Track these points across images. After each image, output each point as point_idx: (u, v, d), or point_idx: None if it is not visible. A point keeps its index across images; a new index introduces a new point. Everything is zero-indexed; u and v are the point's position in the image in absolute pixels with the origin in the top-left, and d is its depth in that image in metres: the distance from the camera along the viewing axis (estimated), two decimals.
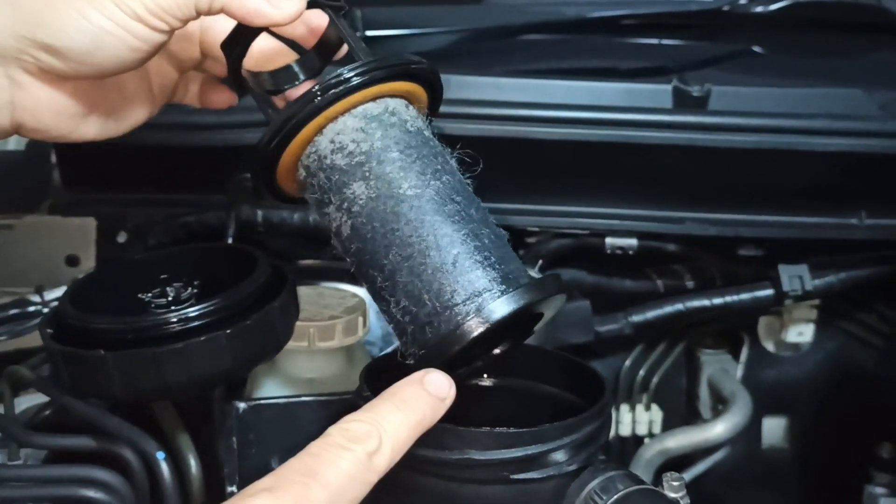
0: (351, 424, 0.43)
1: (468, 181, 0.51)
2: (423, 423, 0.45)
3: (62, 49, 0.47)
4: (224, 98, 0.59)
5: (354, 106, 0.49)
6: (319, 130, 0.49)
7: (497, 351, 0.53)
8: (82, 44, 0.47)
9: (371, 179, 0.48)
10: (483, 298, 0.47)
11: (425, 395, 0.45)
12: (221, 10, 0.48)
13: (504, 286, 0.47)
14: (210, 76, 0.59)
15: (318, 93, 0.47)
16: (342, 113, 0.49)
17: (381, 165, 0.48)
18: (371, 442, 0.42)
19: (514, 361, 0.58)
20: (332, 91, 0.47)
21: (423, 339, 0.48)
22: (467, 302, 0.47)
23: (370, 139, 0.48)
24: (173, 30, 0.49)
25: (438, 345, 0.47)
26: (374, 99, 0.49)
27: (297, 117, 0.48)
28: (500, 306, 0.46)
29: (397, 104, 0.50)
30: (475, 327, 0.46)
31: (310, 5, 0.50)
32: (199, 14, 0.48)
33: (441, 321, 0.47)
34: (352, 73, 0.48)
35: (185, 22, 0.49)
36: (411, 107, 0.51)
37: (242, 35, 0.51)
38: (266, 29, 0.52)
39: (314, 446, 0.41)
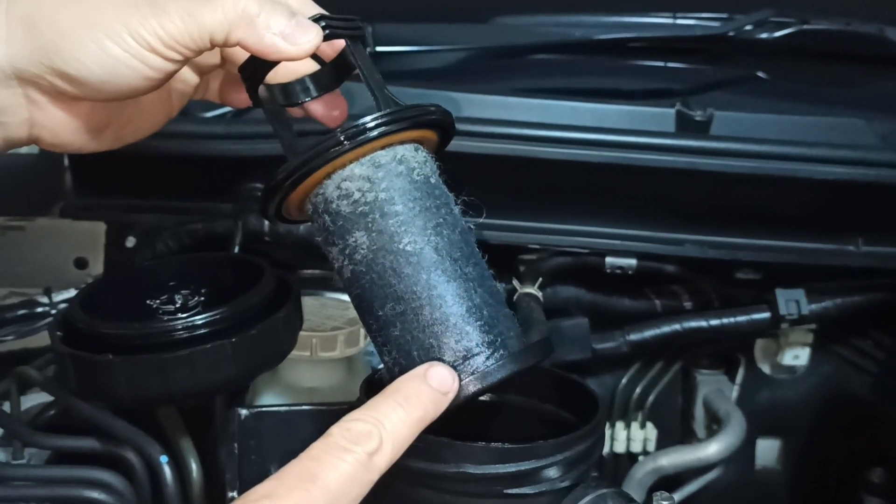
0: (352, 424, 0.43)
1: (471, 226, 0.52)
2: (424, 419, 0.46)
3: (78, 77, 0.48)
4: (244, 98, 0.59)
5: (365, 154, 0.49)
6: (328, 175, 0.49)
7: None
8: (98, 73, 0.48)
9: (373, 232, 0.49)
10: (468, 364, 0.48)
11: (427, 391, 0.46)
12: (237, 44, 0.48)
13: (490, 350, 0.48)
14: (231, 74, 0.59)
15: (341, 141, 0.48)
16: (351, 160, 0.49)
17: (384, 218, 0.49)
18: (372, 442, 0.43)
19: None
20: (352, 142, 0.48)
21: None
22: (453, 364, 0.48)
23: (375, 189, 0.49)
24: (187, 60, 0.49)
25: None
26: (383, 147, 0.50)
27: (312, 164, 0.48)
28: (484, 376, 0.48)
29: (406, 150, 0.50)
30: (457, 398, 0.47)
31: (328, 37, 0.50)
32: (213, 46, 0.49)
33: None
34: (373, 124, 0.48)
35: (199, 53, 0.49)
36: (420, 149, 0.52)
37: (260, 63, 0.51)
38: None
39: (315, 448, 0.42)
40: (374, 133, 0.48)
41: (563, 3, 1.11)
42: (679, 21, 1.09)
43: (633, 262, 0.86)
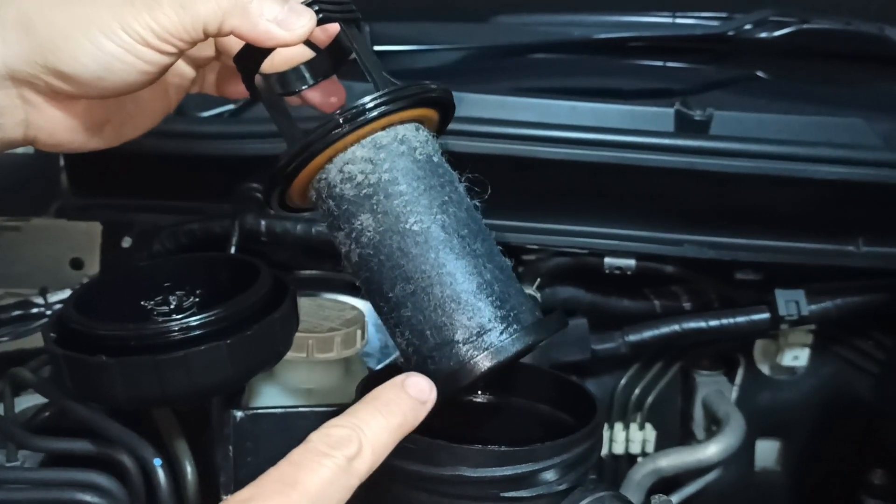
0: (332, 430, 0.43)
1: (476, 203, 0.51)
2: (403, 426, 0.45)
3: (73, 75, 0.48)
4: (241, 89, 0.58)
5: (365, 136, 0.49)
6: (329, 159, 0.49)
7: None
8: (93, 70, 0.48)
9: (378, 213, 0.48)
10: (481, 339, 0.48)
11: (406, 399, 0.46)
12: (231, 33, 0.48)
13: (503, 325, 0.48)
14: (227, 66, 0.59)
15: (340, 124, 0.47)
16: (352, 143, 0.49)
17: (389, 199, 0.48)
18: (351, 447, 0.42)
19: (507, 379, 0.59)
20: (351, 124, 0.47)
21: (424, 372, 0.48)
22: (467, 342, 0.48)
23: (378, 171, 0.48)
24: (182, 52, 0.49)
25: (438, 383, 0.47)
26: (383, 128, 0.49)
27: (312, 149, 0.48)
28: (499, 351, 0.47)
29: (407, 130, 0.50)
30: (472, 371, 0.47)
31: (321, 21, 0.49)
32: (207, 37, 0.48)
33: (442, 357, 0.48)
34: (372, 105, 0.47)
35: (194, 44, 0.49)
36: (421, 129, 0.51)
37: (255, 52, 0.51)
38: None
39: (295, 454, 0.42)
40: (374, 114, 0.48)
41: (563, 2, 1.10)
42: (678, 20, 1.09)
43: (632, 262, 0.86)
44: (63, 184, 0.88)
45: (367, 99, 0.48)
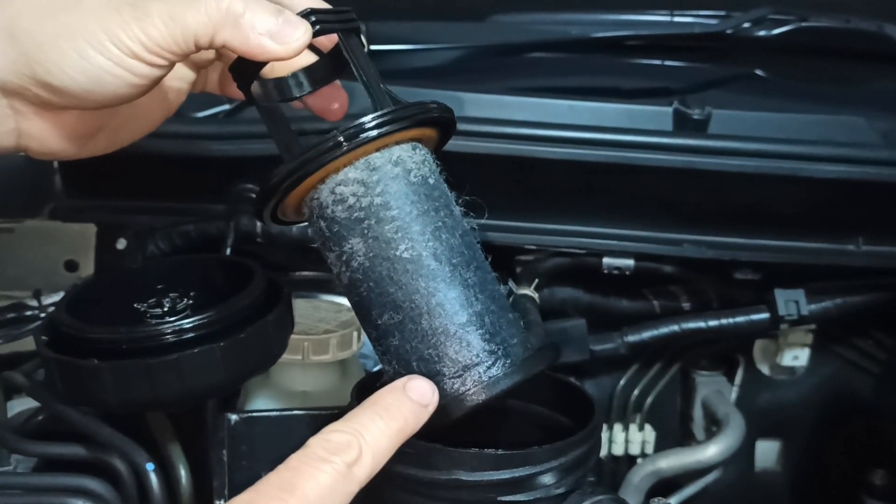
0: (331, 435, 0.43)
1: (474, 226, 0.51)
2: (404, 430, 0.45)
3: (61, 87, 0.47)
4: None
5: (359, 157, 0.48)
6: (322, 180, 0.48)
7: None
8: (81, 82, 0.46)
9: (369, 238, 0.47)
10: (469, 374, 0.47)
11: (408, 402, 0.46)
12: (223, 46, 0.47)
13: (492, 360, 0.47)
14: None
15: (333, 146, 0.46)
16: (345, 164, 0.48)
17: (380, 224, 0.47)
18: (351, 452, 0.42)
19: None
20: (346, 145, 0.46)
21: None
22: (453, 376, 0.47)
23: (370, 194, 0.47)
24: (173, 63, 0.48)
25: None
26: (378, 149, 0.48)
27: (303, 171, 0.47)
28: (486, 387, 0.47)
29: (403, 151, 0.49)
30: (453, 409, 0.47)
31: (318, 33, 0.48)
32: (199, 49, 0.47)
33: None
34: (367, 126, 0.46)
35: (186, 56, 0.48)
36: (419, 148, 0.50)
37: (250, 62, 0.50)
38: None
39: (293, 459, 0.41)
40: (370, 135, 0.46)
41: (561, 0, 1.10)
42: (677, 19, 1.08)
43: (630, 262, 0.85)
44: (57, 185, 0.87)
45: (362, 120, 0.47)
